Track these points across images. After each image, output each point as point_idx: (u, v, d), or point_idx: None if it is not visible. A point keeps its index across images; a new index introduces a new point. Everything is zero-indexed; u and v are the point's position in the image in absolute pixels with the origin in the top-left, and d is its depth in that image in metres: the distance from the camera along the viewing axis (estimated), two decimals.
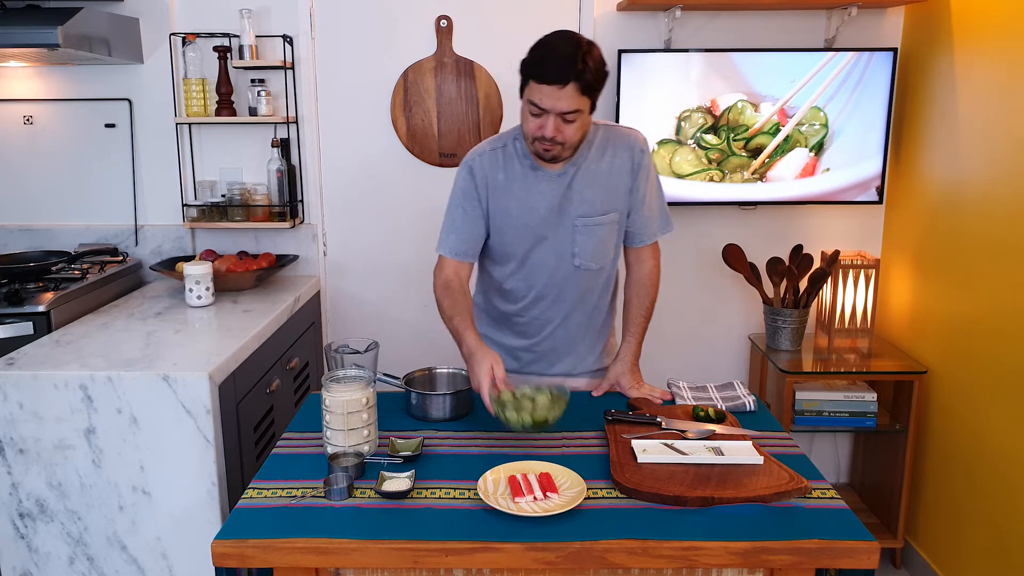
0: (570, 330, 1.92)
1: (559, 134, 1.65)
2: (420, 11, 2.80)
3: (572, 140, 1.68)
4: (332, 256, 2.98)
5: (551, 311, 1.89)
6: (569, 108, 1.62)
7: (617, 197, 1.81)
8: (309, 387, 2.76)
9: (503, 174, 1.80)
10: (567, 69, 1.58)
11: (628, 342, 1.92)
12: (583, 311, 1.90)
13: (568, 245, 1.81)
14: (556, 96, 1.60)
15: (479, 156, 1.83)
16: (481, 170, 1.81)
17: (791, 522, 1.32)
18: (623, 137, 1.82)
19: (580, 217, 1.79)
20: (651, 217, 1.87)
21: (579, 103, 1.62)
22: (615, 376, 1.90)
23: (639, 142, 1.82)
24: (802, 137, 2.75)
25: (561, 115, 1.63)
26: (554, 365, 1.96)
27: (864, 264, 2.80)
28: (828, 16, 2.78)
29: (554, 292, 1.86)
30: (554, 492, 1.38)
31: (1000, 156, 2.23)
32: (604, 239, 1.82)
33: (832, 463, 3.12)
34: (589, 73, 1.60)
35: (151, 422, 1.86)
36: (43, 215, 2.87)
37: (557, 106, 1.61)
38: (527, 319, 1.92)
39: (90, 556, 1.93)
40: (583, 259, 1.83)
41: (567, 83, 1.59)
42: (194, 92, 2.70)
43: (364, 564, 1.29)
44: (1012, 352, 2.17)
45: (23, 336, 2.19)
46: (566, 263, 1.83)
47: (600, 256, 1.84)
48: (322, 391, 1.55)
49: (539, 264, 1.84)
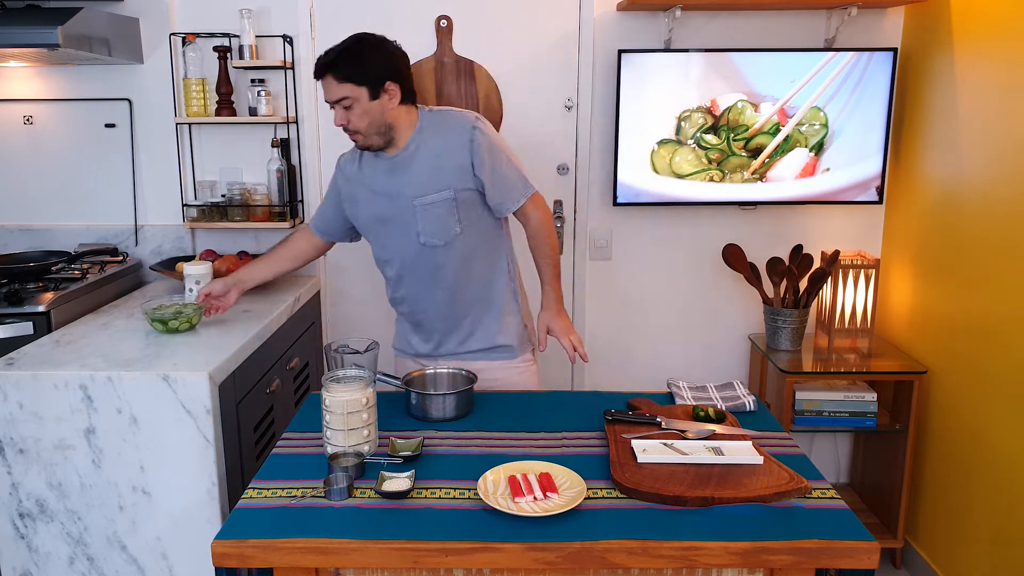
0: (440, 307, 2.04)
1: (348, 122, 1.87)
2: (420, 11, 2.80)
3: (359, 125, 1.87)
4: (332, 256, 2.97)
5: (414, 289, 2.04)
6: (335, 96, 1.84)
7: (450, 174, 1.92)
8: (309, 387, 2.75)
9: (356, 166, 2.03)
10: (320, 64, 1.84)
11: (546, 291, 2.05)
12: (444, 287, 2.01)
13: (412, 224, 1.95)
14: (325, 88, 1.86)
15: (344, 153, 2.08)
16: (341, 164, 2.08)
17: (791, 522, 1.33)
18: (455, 118, 1.96)
19: (417, 197, 1.93)
20: (507, 185, 1.96)
21: (344, 91, 1.83)
22: (544, 323, 2.04)
23: (469, 120, 1.94)
24: (802, 137, 2.75)
25: (338, 104, 1.85)
26: (442, 344, 2.08)
27: (864, 264, 2.80)
28: (828, 16, 2.78)
29: (410, 271, 2.02)
30: (554, 492, 1.38)
31: (1000, 156, 2.23)
32: (443, 216, 1.94)
33: (832, 463, 3.12)
34: (344, 65, 1.82)
35: (151, 422, 1.85)
36: (43, 215, 2.87)
37: (328, 96, 1.86)
38: (400, 298, 2.09)
39: (90, 556, 1.93)
40: (427, 236, 1.95)
41: (323, 76, 1.84)
42: (194, 92, 2.70)
43: (364, 564, 1.29)
44: (1012, 352, 2.17)
45: (23, 336, 2.19)
46: (412, 242, 1.97)
47: (443, 232, 1.95)
48: (322, 391, 1.56)
49: (392, 246, 2.02)
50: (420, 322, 2.08)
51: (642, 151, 2.76)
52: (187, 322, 2.14)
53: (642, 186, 2.77)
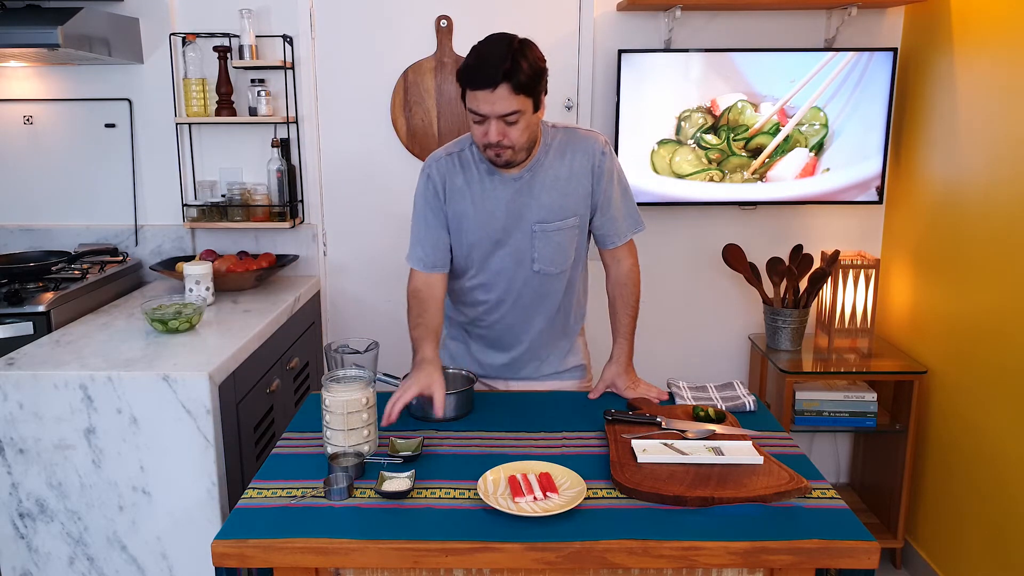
0: (533, 334, 1.92)
1: (504, 138, 1.64)
2: (420, 11, 2.80)
3: (519, 142, 1.66)
4: (332, 256, 2.98)
5: (512, 315, 1.89)
6: (507, 110, 1.60)
7: (576, 201, 1.79)
8: (309, 387, 2.76)
9: (461, 179, 1.79)
10: (496, 71, 1.57)
11: (619, 343, 1.90)
12: (545, 314, 1.90)
13: (527, 250, 1.80)
14: (491, 100, 1.59)
15: (436, 162, 1.82)
16: (439, 175, 1.80)
17: (791, 522, 1.32)
18: (582, 140, 1.79)
19: (538, 223, 1.78)
20: (618, 218, 1.84)
21: (516, 103, 1.60)
22: (611, 378, 1.89)
23: (599, 144, 1.79)
24: (802, 137, 2.75)
25: (502, 118, 1.61)
26: (521, 370, 1.97)
27: (864, 264, 2.80)
28: (828, 16, 2.78)
29: (514, 296, 1.86)
30: (554, 492, 1.38)
31: (1000, 156, 2.23)
32: (563, 244, 1.81)
33: (832, 463, 3.12)
34: (521, 73, 1.58)
35: (151, 422, 1.86)
36: (43, 215, 2.87)
37: (495, 109, 1.60)
38: (488, 323, 1.92)
39: (90, 556, 1.93)
40: (542, 264, 1.82)
41: (498, 85, 1.57)
42: (194, 92, 2.70)
43: (364, 564, 1.29)
44: (1012, 352, 2.17)
45: (23, 336, 2.19)
46: (525, 268, 1.82)
47: (560, 260, 1.83)
48: (322, 391, 1.55)
49: (499, 269, 1.83)
50: (506, 346, 1.93)
51: (642, 151, 2.76)
52: (187, 322, 2.14)
53: (642, 186, 2.77)
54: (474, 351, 1.99)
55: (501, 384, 1.98)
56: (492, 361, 1.97)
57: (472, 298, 1.90)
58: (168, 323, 2.11)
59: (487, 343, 1.96)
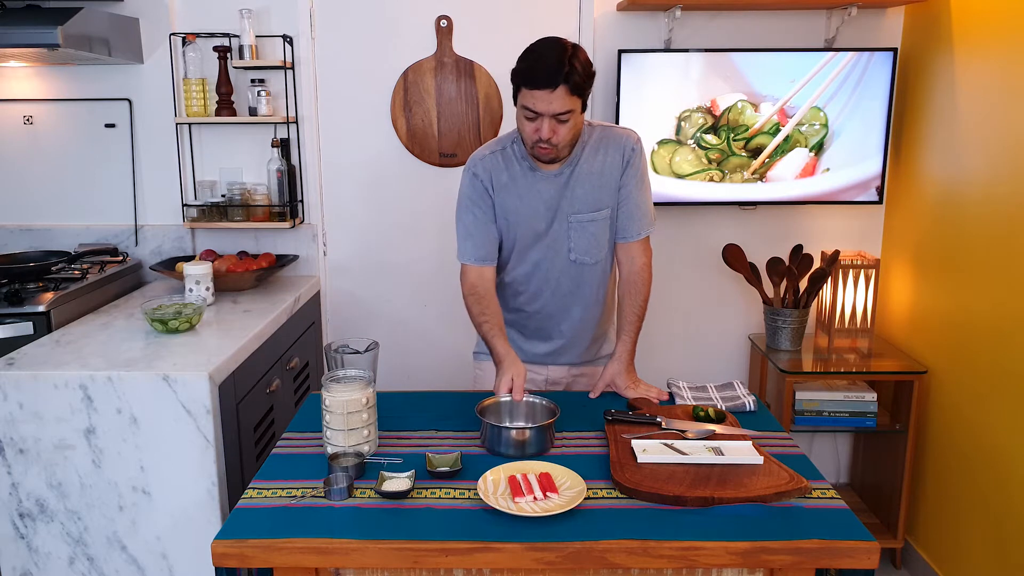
0: (573, 322, 1.98)
1: (555, 135, 1.73)
2: (420, 11, 2.80)
3: (566, 140, 1.76)
4: (332, 256, 2.98)
5: (551, 305, 1.96)
6: (562, 109, 1.69)
7: (609, 194, 1.88)
8: (309, 387, 2.75)
9: (506, 175, 1.88)
10: (556, 73, 1.66)
11: (623, 341, 1.92)
12: (582, 304, 1.96)
13: (564, 241, 1.89)
14: (548, 99, 1.69)
15: (481, 160, 1.90)
16: (486, 172, 1.88)
17: (791, 522, 1.32)
18: (617, 136, 1.88)
19: (574, 214, 1.87)
20: (635, 214, 1.91)
21: (570, 103, 1.70)
22: (611, 376, 1.90)
23: (632, 140, 1.88)
24: (802, 137, 2.75)
25: (555, 116, 1.71)
26: (560, 357, 2.03)
27: (864, 264, 2.80)
28: (828, 16, 2.78)
29: (552, 286, 1.94)
30: (554, 492, 1.38)
31: (1000, 156, 2.23)
32: (597, 234, 1.90)
33: (832, 463, 3.12)
34: (577, 75, 1.68)
35: (151, 422, 1.86)
36: (43, 215, 2.87)
37: (550, 108, 1.69)
38: (529, 312, 1.99)
39: (90, 556, 1.93)
40: (578, 253, 1.90)
41: (557, 86, 1.67)
42: (194, 92, 2.70)
43: (364, 564, 1.29)
44: (1012, 352, 2.17)
45: (23, 336, 2.19)
46: (562, 257, 1.91)
47: (595, 251, 1.91)
48: (322, 391, 1.55)
49: (538, 260, 1.92)
50: (546, 335, 2.00)
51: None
52: (187, 322, 2.14)
53: None
54: (515, 339, 2.02)
55: (542, 369, 2.04)
56: (535, 350, 2.03)
57: (513, 289, 1.98)
58: (168, 323, 2.11)
59: (529, 332, 2.02)
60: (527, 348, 2.03)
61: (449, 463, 1.52)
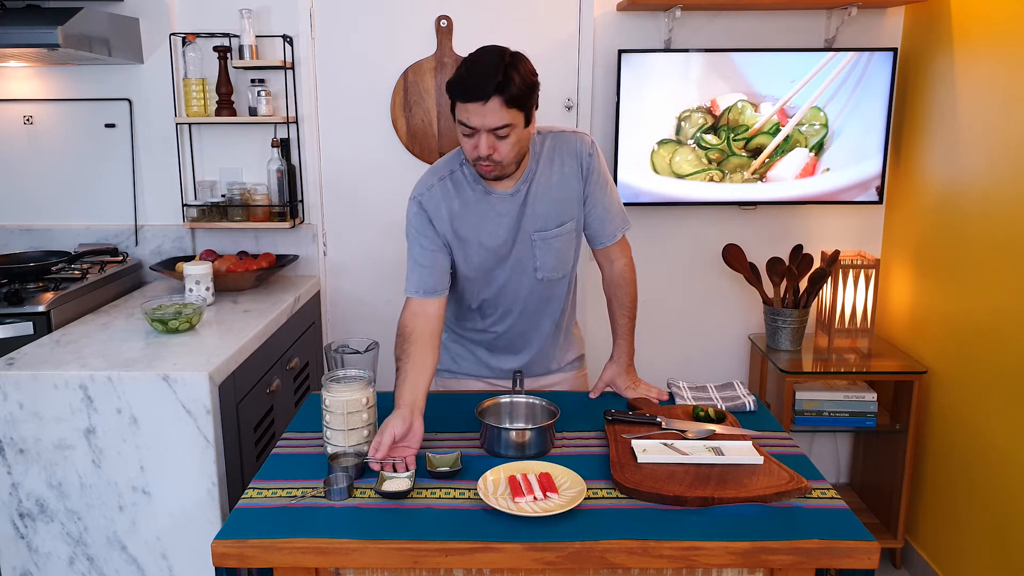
0: (543, 337, 1.91)
1: (495, 152, 1.59)
2: (420, 11, 2.80)
3: (509, 157, 1.62)
4: (332, 256, 2.98)
5: (520, 323, 1.88)
6: (498, 123, 1.55)
7: (571, 206, 1.78)
8: (309, 387, 2.76)
9: (458, 202, 1.74)
10: (487, 84, 1.52)
11: (619, 343, 1.89)
12: (551, 317, 1.89)
13: (529, 260, 1.79)
14: (482, 113, 1.54)
15: (428, 191, 1.76)
16: (432, 203, 1.75)
17: (791, 522, 1.32)
18: (570, 142, 1.76)
19: (537, 232, 1.76)
20: (606, 218, 1.82)
21: (508, 117, 1.55)
22: (611, 377, 1.88)
23: (586, 145, 1.77)
24: (802, 137, 2.75)
25: (492, 132, 1.57)
26: (531, 370, 1.94)
27: (864, 264, 2.80)
28: (828, 16, 2.78)
29: (520, 306, 1.85)
30: (554, 492, 1.38)
31: (1000, 156, 2.23)
32: (563, 249, 1.80)
33: (832, 463, 3.12)
34: (514, 86, 1.53)
35: (151, 422, 1.86)
36: (43, 215, 2.87)
37: (485, 123, 1.55)
38: (498, 333, 1.90)
39: (90, 556, 1.93)
40: (545, 271, 1.81)
41: (489, 98, 1.53)
42: (194, 92, 2.70)
43: (364, 564, 1.29)
44: (1012, 352, 2.17)
45: (23, 336, 2.19)
46: (528, 277, 1.81)
47: (562, 265, 1.83)
48: (322, 391, 1.55)
49: (503, 282, 1.82)
50: (517, 350, 1.92)
51: (642, 151, 2.76)
52: (187, 322, 2.14)
53: (642, 186, 2.77)
54: (481, 356, 1.97)
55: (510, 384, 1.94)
56: (503, 365, 1.95)
57: (482, 313, 1.89)
58: (168, 323, 2.11)
59: (498, 349, 1.94)
60: (494, 364, 1.95)
61: (449, 463, 1.52)
